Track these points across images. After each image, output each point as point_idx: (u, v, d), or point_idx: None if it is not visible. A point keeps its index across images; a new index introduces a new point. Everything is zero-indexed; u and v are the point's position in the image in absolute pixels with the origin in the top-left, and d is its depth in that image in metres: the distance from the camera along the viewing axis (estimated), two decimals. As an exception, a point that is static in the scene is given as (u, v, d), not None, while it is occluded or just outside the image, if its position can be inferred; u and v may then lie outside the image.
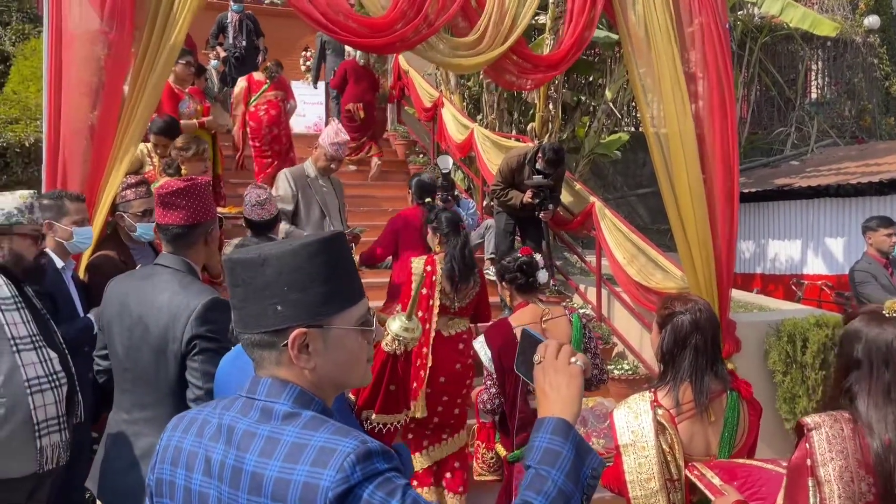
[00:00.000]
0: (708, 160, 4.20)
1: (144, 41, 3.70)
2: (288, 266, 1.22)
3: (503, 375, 3.19)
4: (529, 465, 1.23)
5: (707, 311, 2.41)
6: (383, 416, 3.90)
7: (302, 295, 1.22)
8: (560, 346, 1.36)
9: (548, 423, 1.26)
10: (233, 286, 1.26)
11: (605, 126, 9.21)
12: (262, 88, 7.57)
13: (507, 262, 3.39)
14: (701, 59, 4.19)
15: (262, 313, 1.23)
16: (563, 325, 3.32)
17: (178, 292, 2.33)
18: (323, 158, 4.93)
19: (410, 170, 9.53)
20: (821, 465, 1.75)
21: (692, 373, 2.34)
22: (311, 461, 1.11)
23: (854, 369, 1.83)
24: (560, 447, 1.22)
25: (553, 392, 1.30)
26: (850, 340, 1.87)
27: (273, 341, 1.23)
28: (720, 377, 2.39)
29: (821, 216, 9.58)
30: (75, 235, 3.24)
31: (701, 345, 2.35)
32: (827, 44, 12.90)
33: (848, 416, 1.80)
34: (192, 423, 1.29)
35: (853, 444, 1.75)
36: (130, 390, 2.42)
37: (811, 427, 1.80)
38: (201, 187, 2.48)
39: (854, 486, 1.72)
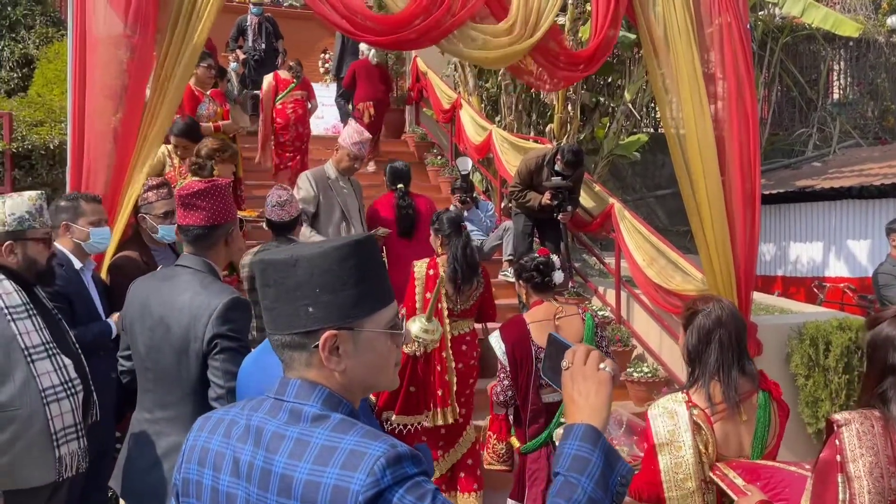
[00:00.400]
0: (728, 162, 4.16)
1: (166, 44, 3.74)
2: (319, 268, 1.22)
3: (516, 369, 3.29)
4: (558, 472, 1.22)
5: (730, 308, 2.43)
6: (403, 418, 3.94)
7: (333, 297, 1.23)
8: (588, 352, 1.34)
9: (576, 429, 1.25)
10: (264, 287, 1.26)
11: (624, 127, 9.17)
12: (290, 87, 7.91)
13: (524, 262, 3.49)
14: (721, 60, 4.16)
15: (293, 314, 1.23)
16: (577, 323, 3.41)
17: (199, 292, 2.35)
18: (346, 159, 4.91)
19: (429, 172, 9.55)
20: (850, 461, 1.76)
21: (719, 368, 2.34)
22: (342, 464, 1.11)
23: (890, 375, 1.82)
24: (589, 454, 1.21)
25: (581, 399, 1.29)
26: (884, 346, 1.84)
27: (304, 342, 1.23)
28: (748, 375, 2.39)
29: (843, 218, 9.47)
30: (92, 236, 3.26)
31: (725, 340, 2.36)
32: (849, 44, 12.75)
33: (878, 414, 1.80)
34: (219, 423, 1.29)
35: (883, 440, 1.75)
36: (152, 390, 2.44)
37: (841, 423, 1.80)
38: (222, 188, 2.50)
39: (884, 482, 1.73)
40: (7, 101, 6.80)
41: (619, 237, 5.83)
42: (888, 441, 1.76)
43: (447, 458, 4.18)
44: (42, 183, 5.52)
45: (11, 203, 2.65)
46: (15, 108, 6.20)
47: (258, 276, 1.28)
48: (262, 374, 2.06)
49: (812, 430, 4.70)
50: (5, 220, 2.61)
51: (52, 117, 6.07)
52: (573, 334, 3.33)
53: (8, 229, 2.60)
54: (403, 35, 3.88)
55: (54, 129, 5.80)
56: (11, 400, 2.46)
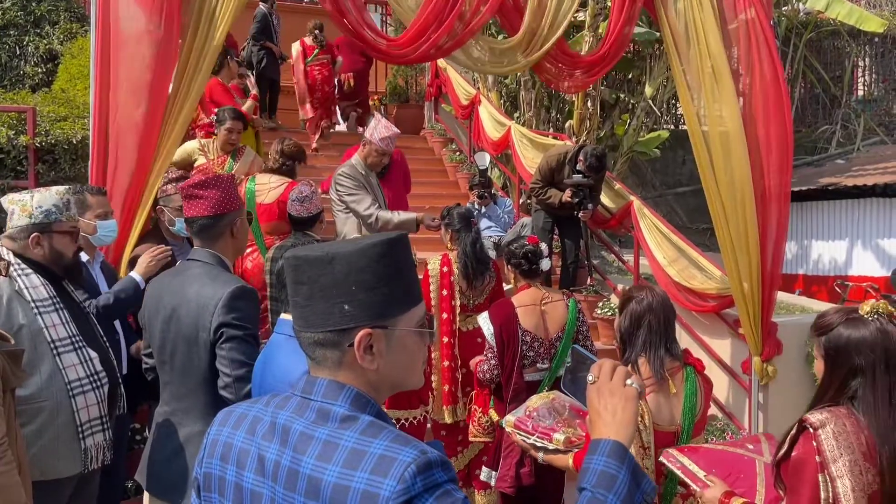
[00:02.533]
0: (754, 159, 4.11)
1: (189, 39, 3.77)
2: (356, 265, 1.21)
3: (503, 349, 3.45)
4: (584, 488, 1.21)
5: (661, 296, 2.69)
6: (395, 412, 3.96)
7: (369, 294, 1.21)
8: (615, 367, 1.33)
9: (603, 445, 1.24)
10: (297, 284, 1.24)
11: (645, 124, 9.11)
12: (315, 52, 9.12)
13: (514, 248, 3.63)
14: (746, 56, 4.11)
15: (328, 312, 1.21)
16: (561, 308, 3.57)
17: (207, 283, 2.38)
18: (374, 154, 4.82)
19: (447, 168, 9.54)
20: (832, 461, 1.85)
21: (646, 348, 2.59)
22: (371, 469, 1.10)
23: (858, 376, 1.91)
24: (616, 471, 1.21)
25: (608, 414, 1.28)
26: (846, 349, 1.93)
27: (338, 340, 1.22)
28: (674, 354, 2.64)
29: (867, 216, 9.34)
30: (99, 229, 3.29)
31: (654, 324, 2.61)
32: (875, 40, 12.56)
33: (845, 410, 1.90)
34: (241, 419, 1.28)
35: (856, 438, 1.86)
36: (169, 382, 2.48)
37: (817, 426, 1.88)
38: (224, 179, 2.54)
39: (863, 478, 1.85)
40: (31, 97, 6.89)
41: (638, 234, 5.79)
42: (860, 438, 1.86)
43: (465, 454, 4.20)
44: (65, 177, 5.58)
45: (39, 197, 2.68)
46: (39, 103, 6.27)
47: (291, 273, 1.26)
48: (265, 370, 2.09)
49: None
50: (33, 212, 2.64)
51: (76, 112, 6.14)
52: (557, 319, 3.53)
53: (34, 221, 2.63)
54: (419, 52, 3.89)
55: (77, 124, 5.87)
56: (38, 392, 2.49)
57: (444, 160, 9.70)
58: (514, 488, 3.42)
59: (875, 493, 1.85)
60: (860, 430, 1.86)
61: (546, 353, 3.49)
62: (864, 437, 1.86)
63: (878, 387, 1.88)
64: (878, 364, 1.88)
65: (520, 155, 7.34)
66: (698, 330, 5.34)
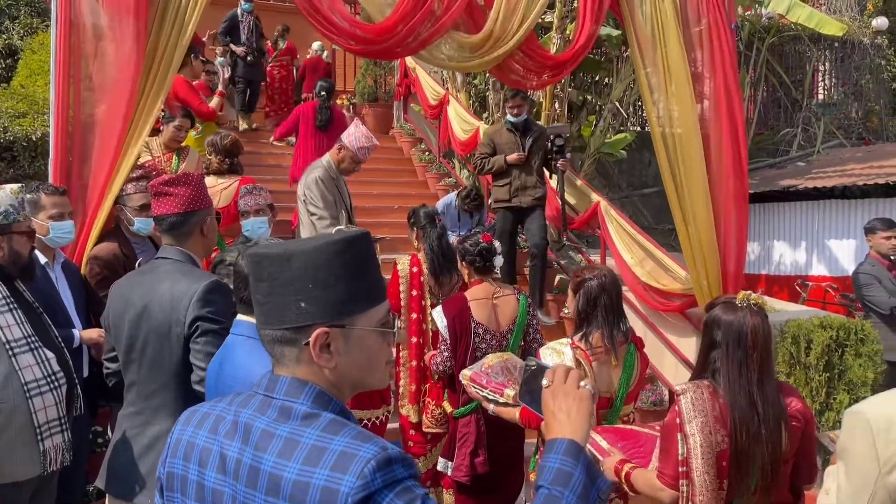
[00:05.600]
0: (715, 160, 4.19)
1: (154, 36, 3.71)
2: (313, 263, 1.21)
3: (456, 341, 3.54)
4: (541, 486, 1.24)
5: (611, 276, 2.91)
6: (358, 412, 3.98)
7: (326, 292, 1.22)
8: (568, 370, 1.36)
9: (559, 444, 1.27)
10: (257, 281, 1.26)
11: (611, 125, 9.20)
12: (275, 54, 10.48)
13: (469, 246, 3.71)
14: (708, 60, 4.19)
15: (284, 309, 1.22)
16: (512, 303, 3.68)
17: (180, 279, 2.38)
18: (348, 161, 4.83)
19: (416, 168, 9.54)
20: (687, 422, 2.17)
21: (602, 325, 2.82)
22: (332, 465, 1.10)
23: (715, 349, 2.24)
24: (572, 468, 1.23)
25: (563, 415, 1.31)
26: (711, 326, 2.28)
27: (294, 338, 1.22)
28: (623, 331, 2.89)
29: (826, 218, 9.56)
30: (52, 230, 3.19)
31: (608, 303, 2.83)
32: (834, 45, 12.85)
33: (707, 383, 2.24)
34: (205, 418, 1.28)
35: (710, 404, 2.18)
36: (136, 382, 2.45)
37: (679, 393, 2.23)
38: (194, 177, 2.52)
39: (712, 437, 2.16)
40: (-10, 92, 6.73)
41: (605, 235, 5.85)
42: (714, 405, 2.18)
43: (433, 452, 4.20)
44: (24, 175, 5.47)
45: None
46: (-2, 98, 6.14)
47: (251, 270, 1.27)
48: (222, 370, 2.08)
49: (793, 427, 4.74)
50: None
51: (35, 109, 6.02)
52: (508, 313, 3.63)
53: None
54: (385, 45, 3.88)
55: (37, 121, 5.75)
56: None
57: (413, 160, 9.70)
58: (469, 477, 3.49)
59: (724, 451, 2.16)
60: (716, 399, 2.19)
61: (498, 346, 3.54)
62: (719, 405, 2.18)
63: (730, 359, 2.20)
64: (731, 340, 2.19)
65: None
66: (664, 329, 5.41)
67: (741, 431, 2.14)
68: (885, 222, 5.61)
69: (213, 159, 4.94)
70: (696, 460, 2.14)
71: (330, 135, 6.95)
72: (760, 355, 2.18)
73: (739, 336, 2.18)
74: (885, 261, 5.43)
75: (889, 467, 1.61)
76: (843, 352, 4.71)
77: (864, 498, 1.64)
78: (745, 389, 2.15)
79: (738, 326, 2.19)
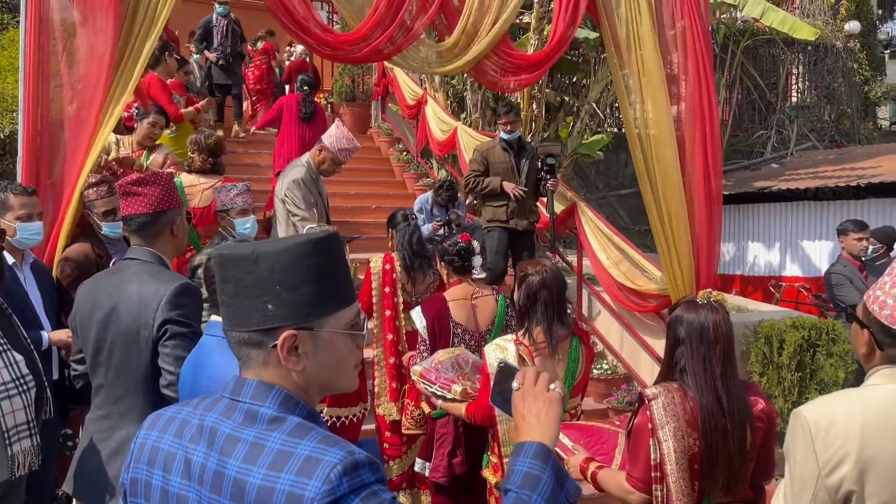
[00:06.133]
0: (688, 162, 4.23)
1: (125, 33, 3.66)
2: (281, 264, 1.19)
3: (435, 341, 3.53)
4: (510, 489, 1.23)
5: (553, 271, 2.94)
6: (335, 410, 3.97)
7: (293, 294, 1.20)
8: (538, 373, 1.36)
9: (528, 447, 1.26)
10: (223, 282, 1.23)
11: (589, 126, 9.25)
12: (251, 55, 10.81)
13: (447, 246, 3.72)
14: (682, 62, 4.22)
15: (251, 311, 1.20)
16: (491, 303, 3.68)
17: (148, 281, 2.34)
18: (329, 162, 4.81)
19: (394, 168, 9.51)
20: (660, 427, 2.19)
21: (543, 319, 2.84)
22: (297, 470, 1.09)
23: (679, 346, 2.28)
24: (540, 472, 1.23)
25: (532, 417, 1.30)
26: (674, 324, 2.31)
27: (262, 340, 1.20)
28: (565, 325, 2.92)
29: (799, 219, 9.69)
30: (19, 232, 3.13)
31: (549, 298, 2.85)
32: (808, 48, 13.04)
33: (677, 385, 2.26)
34: (170, 422, 1.26)
35: (682, 408, 2.21)
36: (104, 385, 2.41)
37: (650, 398, 2.24)
38: (164, 177, 2.49)
39: (684, 441, 2.19)
40: (-42, 89, 6.59)
41: (582, 236, 5.87)
42: (685, 407, 2.21)
43: (409, 454, 4.19)
44: (-7, 173, 5.37)
45: None
46: (-35, 95, 6.02)
47: (217, 271, 1.25)
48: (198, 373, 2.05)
49: (766, 426, 4.79)
50: None
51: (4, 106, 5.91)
52: (487, 313, 3.64)
53: None
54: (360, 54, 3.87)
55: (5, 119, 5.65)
56: None
57: (391, 160, 9.67)
58: (446, 478, 3.49)
59: (696, 454, 2.19)
60: (686, 401, 2.21)
61: (476, 346, 3.54)
62: (690, 407, 2.20)
63: (693, 355, 2.23)
64: (693, 337, 2.23)
65: (465, 157, 7.35)
66: (640, 330, 5.44)
67: (710, 428, 2.18)
68: (857, 224, 5.70)
69: (196, 158, 4.87)
70: (671, 466, 2.17)
71: (312, 126, 7.27)
72: (723, 349, 2.23)
73: (701, 332, 2.23)
74: (857, 262, 5.52)
75: (829, 469, 1.64)
76: (814, 351, 4.77)
77: (806, 498, 1.66)
78: (710, 384, 2.20)
79: (699, 323, 2.24)
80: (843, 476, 1.63)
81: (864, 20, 14.29)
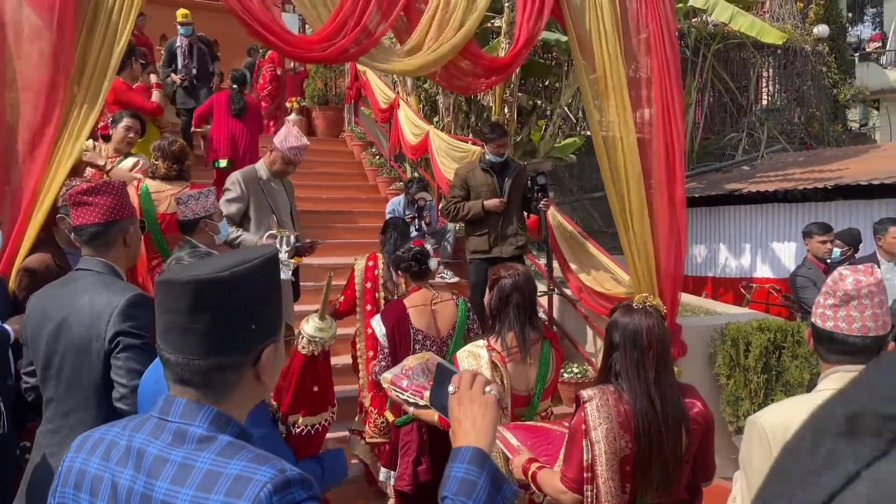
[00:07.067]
0: (653, 166, 4.26)
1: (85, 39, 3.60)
2: (257, 283, 1.20)
3: (395, 348, 3.54)
4: (446, 497, 1.22)
5: (524, 275, 2.95)
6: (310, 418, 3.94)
7: (268, 310, 1.22)
8: (474, 376, 1.35)
9: (463, 452, 1.26)
10: (198, 311, 1.16)
11: (561, 130, 9.29)
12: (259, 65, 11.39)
13: (401, 254, 3.74)
14: (647, 68, 4.25)
15: (235, 336, 1.18)
16: (451, 308, 3.70)
17: (100, 292, 2.30)
18: (280, 162, 4.81)
19: (367, 172, 9.49)
20: (593, 429, 2.21)
21: (514, 322, 2.86)
22: (226, 490, 1.07)
23: (614, 351, 2.30)
24: (476, 477, 1.22)
25: (468, 422, 1.30)
26: (611, 329, 2.34)
27: (242, 362, 1.20)
28: (536, 328, 2.94)
29: (769, 221, 9.81)
30: None
31: (520, 301, 2.87)
32: (777, 52, 13.21)
33: (612, 388, 2.28)
34: (97, 444, 1.23)
35: (616, 410, 2.23)
36: (55, 398, 2.36)
37: (586, 400, 2.26)
38: (116, 186, 2.45)
39: (616, 443, 2.21)
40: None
41: (552, 240, 5.88)
42: (619, 409, 2.23)
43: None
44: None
45: None
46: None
47: (192, 299, 1.15)
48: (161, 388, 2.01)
49: (732, 428, 4.84)
50: None
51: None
52: (448, 318, 3.65)
53: None
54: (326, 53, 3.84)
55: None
56: None
57: (364, 164, 9.65)
58: (411, 486, 3.48)
59: (627, 456, 2.22)
60: (620, 404, 2.24)
61: (438, 352, 3.55)
62: (624, 409, 2.23)
63: (627, 359, 2.26)
64: (627, 341, 2.26)
65: (438, 160, 7.35)
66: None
67: (644, 432, 2.20)
68: (821, 227, 5.77)
69: (161, 165, 4.80)
70: (601, 467, 2.20)
71: (245, 121, 7.63)
72: (657, 354, 2.25)
73: (635, 336, 2.25)
74: (822, 264, 5.58)
75: None
76: (780, 353, 4.83)
77: None
78: (643, 388, 2.22)
79: (633, 327, 2.26)
80: None
81: (834, 24, 14.52)
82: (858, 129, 16.01)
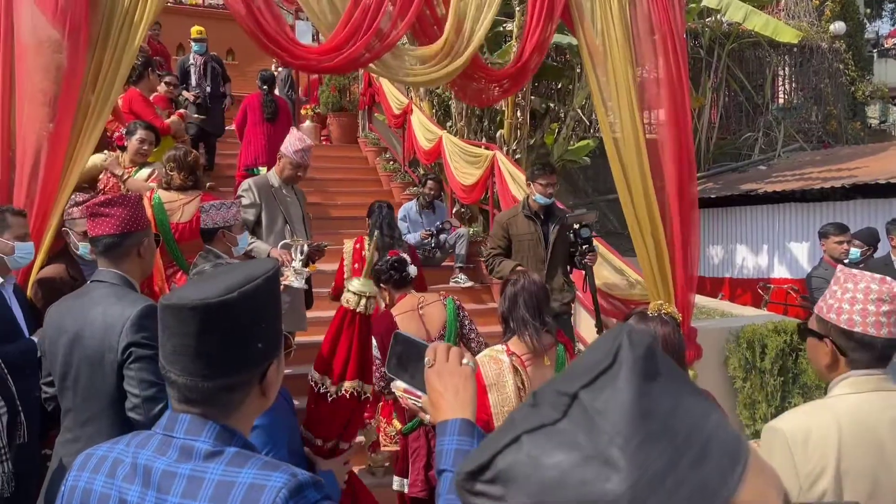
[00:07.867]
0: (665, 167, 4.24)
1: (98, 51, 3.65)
2: (261, 301, 1.21)
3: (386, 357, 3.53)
4: (444, 469, 1.22)
5: (532, 279, 2.97)
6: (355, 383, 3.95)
7: (271, 328, 1.23)
8: (449, 348, 1.34)
9: (452, 425, 1.25)
10: (206, 333, 1.16)
11: (575, 132, 9.26)
12: None
13: (379, 266, 3.76)
14: (656, 70, 4.24)
15: (242, 356, 1.19)
16: (439, 308, 3.70)
17: (113, 303, 2.33)
18: (289, 167, 4.85)
19: (381, 177, 9.52)
20: None
21: (524, 324, 2.86)
22: (242, 499, 1.07)
23: None
24: (469, 447, 1.22)
25: (450, 394, 1.28)
26: None
27: (250, 380, 1.21)
28: (549, 331, 2.96)
29: (786, 221, 9.71)
30: (17, 251, 3.17)
31: (528, 301, 2.88)
32: (793, 50, 13.09)
33: None
34: (101, 461, 1.22)
35: None
36: (72, 409, 2.40)
37: None
38: (131, 199, 2.49)
39: None
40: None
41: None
42: None
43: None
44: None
45: None
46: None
47: (197, 323, 1.16)
48: None
49: (750, 431, 4.80)
50: None
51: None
52: (436, 320, 3.65)
53: None
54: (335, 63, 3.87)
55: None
56: None
57: (378, 169, 9.68)
58: (426, 491, 3.49)
59: None
60: None
61: None
62: None
63: None
64: None
65: (451, 165, 7.37)
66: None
67: None
68: (837, 227, 5.70)
69: (176, 175, 4.84)
70: None
71: (277, 126, 7.44)
72: None
73: None
74: (838, 265, 5.51)
75: (809, 482, 1.63)
76: (797, 356, 4.79)
77: None
78: None
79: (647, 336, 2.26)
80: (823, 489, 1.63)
81: (851, 20, 14.35)
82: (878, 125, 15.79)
